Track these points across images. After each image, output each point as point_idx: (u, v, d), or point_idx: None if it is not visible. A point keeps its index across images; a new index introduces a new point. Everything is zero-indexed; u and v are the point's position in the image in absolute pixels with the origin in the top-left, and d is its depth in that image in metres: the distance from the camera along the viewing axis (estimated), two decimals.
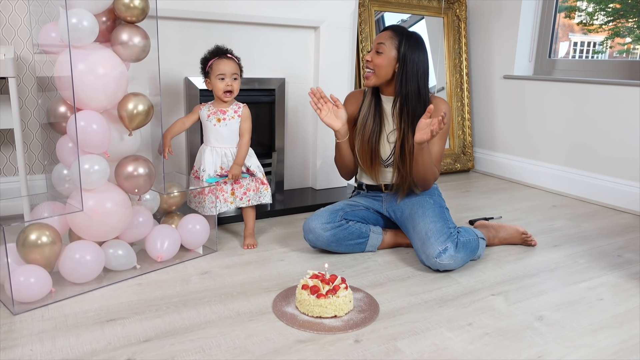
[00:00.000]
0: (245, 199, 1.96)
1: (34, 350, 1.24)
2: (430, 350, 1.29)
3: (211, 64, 1.89)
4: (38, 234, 1.47)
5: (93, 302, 1.49)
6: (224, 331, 1.35)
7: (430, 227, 1.77)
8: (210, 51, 1.92)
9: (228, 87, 1.87)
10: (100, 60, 1.54)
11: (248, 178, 1.96)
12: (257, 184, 1.98)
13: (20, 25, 2.09)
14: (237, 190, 1.95)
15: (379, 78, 1.82)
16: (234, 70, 1.89)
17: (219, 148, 1.92)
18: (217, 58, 1.88)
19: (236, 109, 1.93)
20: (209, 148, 1.93)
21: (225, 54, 1.91)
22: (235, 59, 1.91)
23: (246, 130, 1.93)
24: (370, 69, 1.82)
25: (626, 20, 2.96)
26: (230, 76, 1.87)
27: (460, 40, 3.38)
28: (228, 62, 1.88)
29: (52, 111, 1.66)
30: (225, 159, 1.92)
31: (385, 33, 1.82)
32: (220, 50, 1.92)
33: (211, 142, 1.92)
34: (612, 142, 2.70)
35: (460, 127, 3.42)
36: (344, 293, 1.45)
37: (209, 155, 1.92)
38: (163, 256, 1.74)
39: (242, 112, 1.93)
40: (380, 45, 1.79)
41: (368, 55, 1.84)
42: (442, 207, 1.87)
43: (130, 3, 1.56)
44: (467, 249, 1.77)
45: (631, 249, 2.06)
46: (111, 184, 1.64)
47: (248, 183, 1.96)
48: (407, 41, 1.78)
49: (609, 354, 1.30)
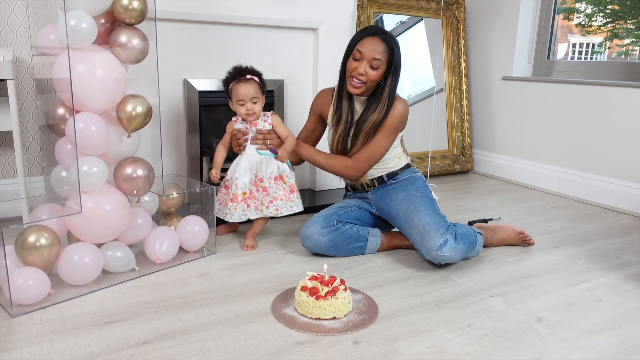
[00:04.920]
0: (272, 208, 1.91)
1: (32, 352, 1.24)
2: (430, 352, 1.29)
3: (231, 88, 1.88)
4: (37, 236, 1.47)
5: (92, 304, 1.49)
6: (222, 333, 1.35)
7: (426, 220, 1.78)
8: (230, 73, 1.90)
9: (248, 112, 1.87)
10: (99, 62, 1.53)
11: (290, 175, 1.93)
12: (286, 193, 1.93)
13: (18, 27, 2.09)
14: (264, 199, 1.90)
15: (368, 89, 1.83)
16: (253, 94, 1.86)
17: (254, 156, 1.90)
18: (236, 82, 1.86)
19: (265, 119, 1.92)
20: (245, 156, 1.91)
21: (244, 75, 1.87)
22: (254, 79, 1.88)
23: (284, 133, 1.91)
24: (362, 81, 1.79)
25: (625, 22, 2.97)
26: (249, 100, 1.86)
27: (459, 42, 3.38)
28: (246, 86, 1.85)
29: (51, 113, 1.66)
30: (260, 165, 1.90)
31: (377, 45, 1.77)
32: (238, 71, 1.89)
33: (247, 151, 1.91)
34: (611, 143, 2.70)
35: (459, 129, 3.42)
36: (343, 295, 1.44)
37: (245, 162, 1.90)
38: (162, 258, 1.74)
39: (272, 121, 1.92)
40: (376, 61, 1.76)
41: (358, 65, 1.78)
42: (431, 199, 1.89)
43: (128, 5, 1.56)
44: (465, 240, 1.77)
45: (630, 250, 2.06)
46: (110, 186, 1.64)
47: (275, 191, 1.91)
48: (397, 52, 1.79)
49: (608, 355, 1.30)
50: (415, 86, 3.29)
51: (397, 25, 3.22)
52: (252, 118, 1.89)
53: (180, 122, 2.33)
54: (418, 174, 1.99)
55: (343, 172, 1.90)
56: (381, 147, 1.86)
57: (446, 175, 3.37)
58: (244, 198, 1.90)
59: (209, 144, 2.44)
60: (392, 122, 1.84)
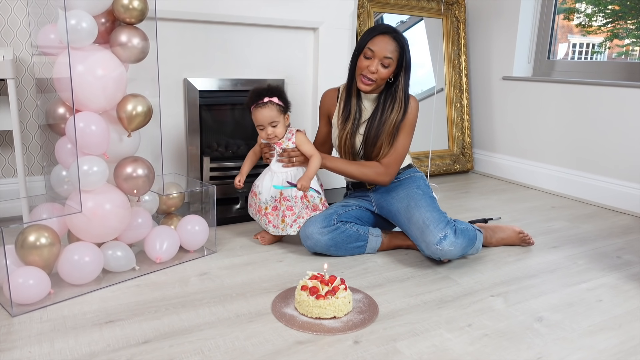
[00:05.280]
0: (295, 226, 1.89)
1: (33, 352, 1.24)
2: (430, 352, 1.29)
3: (251, 112, 1.86)
4: (37, 236, 1.47)
5: (92, 303, 1.49)
6: (223, 332, 1.35)
7: (427, 215, 1.78)
8: (249, 95, 1.87)
9: (269, 136, 1.85)
10: (100, 62, 1.53)
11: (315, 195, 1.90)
12: (309, 211, 1.89)
13: (19, 27, 2.09)
14: (288, 218, 1.87)
15: (378, 87, 1.86)
16: (272, 119, 1.82)
17: (279, 173, 1.89)
18: (254, 106, 1.84)
19: (290, 137, 1.88)
20: (269, 173, 1.91)
21: (262, 99, 1.83)
22: (272, 102, 1.82)
23: (309, 151, 1.87)
24: (373, 79, 1.81)
25: (625, 22, 2.97)
26: (269, 125, 1.83)
27: (459, 42, 3.38)
28: (262, 111, 1.82)
29: (51, 112, 1.66)
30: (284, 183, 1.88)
31: (388, 44, 1.79)
32: (256, 95, 1.84)
33: (272, 167, 1.91)
34: (611, 143, 2.70)
35: (459, 128, 3.42)
36: (343, 294, 1.44)
37: (268, 180, 1.90)
38: (162, 257, 1.74)
39: (296, 140, 1.88)
40: (387, 60, 1.79)
41: (370, 63, 1.79)
42: (432, 197, 1.90)
43: (129, 4, 1.56)
44: (465, 236, 1.77)
45: (630, 250, 2.06)
46: (110, 185, 1.64)
47: (300, 210, 1.88)
48: (407, 50, 1.82)
49: (608, 355, 1.30)
50: (416, 86, 3.29)
51: (398, 25, 3.22)
52: (274, 141, 1.87)
53: (180, 121, 2.33)
54: (419, 173, 2.00)
55: (376, 179, 1.90)
56: (405, 146, 1.90)
57: (446, 175, 3.37)
58: (265, 213, 1.91)
59: (209, 144, 2.45)
60: (411, 119, 1.88)
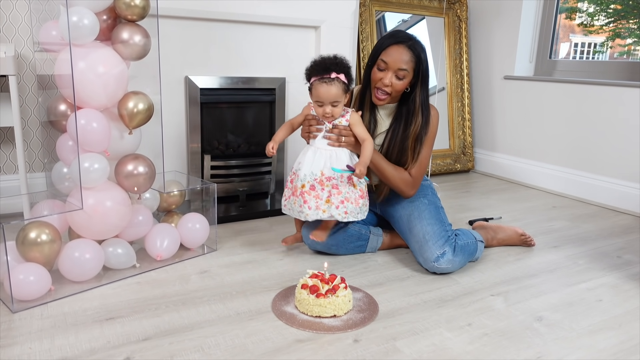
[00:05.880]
0: (342, 209, 1.68)
1: (33, 348, 1.24)
2: (429, 351, 1.29)
3: (312, 84, 1.67)
4: (38, 232, 1.47)
5: (92, 300, 1.49)
6: (223, 330, 1.35)
7: (427, 229, 1.77)
8: (313, 66, 1.67)
9: (326, 115, 1.67)
10: (101, 59, 1.53)
11: (362, 180, 1.71)
12: (356, 197, 1.72)
13: (20, 23, 2.09)
14: (334, 197, 1.68)
15: (393, 99, 1.78)
16: (335, 97, 1.64)
17: (324, 150, 1.71)
18: (318, 79, 1.64)
19: (343, 114, 1.71)
20: (312, 149, 1.72)
21: (329, 74, 1.63)
22: (339, 79, 1.64)
23: (361, 134, 1.70)
24: (387, 93, 1.73)
25: (627, 22, 2.96)
26: (329, 103, 1.65)
27: (461, 41, 3.38)
28: (328, 88, 1.62)
29: (53, 109, 1.66)
30: (329, 161, 1.69)
31: (403, 54, 1.69)
32: (322, 67, 1.65)
33: (316, 143, 1.72)
34: (612, 143, 2.69)
35: (460, 128, 3.42)
36: (344, 293, 1.45)
37: (310, 156, 1.71)
38: (162, 255, 1.74)
39: (350, 118, 1.70)
40: (402, 72, 1.69)
41: (384, 76, 1.71)
42: (438, 207, 1.87)
43: (131, 2, 1.56)
44: (464, 252, 1.76)
45: (631, 250, 2.06)
46: (111, 183, 1.64)
47: (347, 192, 1.70)
48: (424, 59, 1.71)
49: (608, 355, 1.30)
50: None
51: (399, 24, 3.22)
52: (330, 120, 1.70)
53: (181, 119, 2.33)
54: (427, 181, 1.97)
55: (403, 188, 1.80)
56: (428, 157, 1.82)
57: (447, 174, 3.37)
58: (302, 191, 1.69)
59: (210, 141, 2.44)
60: (433, 131, 1.80)
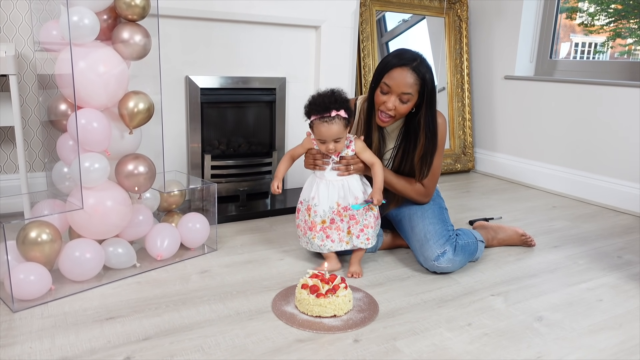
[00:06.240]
0: (364, 237, 1.70)
1: (33, 347, 1.24)
2: (430, 350, 1.29)
3: (312, 123, 1.63)
4: (38, 232, 1.47)
5: (92, 300, 1.49)
6: (223, 330, 1.35)
7: (429, 229, 1.77)
8: (312, 104, 1.62)
9: (329, 151, 1.64)
10: (101, 59, 1.54)
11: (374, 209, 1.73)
12: (373, 220, 1.72)
13: (21, 23, 2.09)
14: (353, 228, 1.70)
15: (397, 120, 1.75)
16: (337, 135, 1.60)
17: (336, 181, 1.69)
18: (318, 118, 1.59)
19: (348, 145, 1.68)
20: (324, 183, 1.69)
21: (329, 112, 1.58)
22: (340, 115, 1.59)
23: (369, 159, 1.69)
24: (391, 115, 1.68)
25: (627, 21, 2.96)
26: (332, 140, 1.62)
27: (461, 41, 3.38)
28: (328, 127, 1.58)
29: (53, 109, 1.66)
30: (342, 191, 1.68)
31: (406, 77, 1.62)
32: (322, 107, 1.59)
33: (326, 176, 1.70)
34: (613, 143, 2.69)
35: (460, 128, 3.42)
36: (344, 293, 1.45)
37: (324, 190, 1.68)
38: (163, 255, 1.74)
39: (356, 147, 1.68)
40: (406, 95, 1.64)
41: (387, 99, 1.66)
42: (442, 207, 1.87)
43: (131, 1, 1.56)
44: (465, 252, 1.76)
45: (631, 250, 2.06)
46: (111, 182, 1.64)
47: (365, 219, 1.70)
48: (429, 80, 1.65)
49: (608, 355, 1.30)
50: None
51: (400, 24, 3.22)
52: (333, 154, 1.67)
53: (181, 119, 2.33)
54: None
55: (417, 198, 1.81)
56: (440, 165, 1.81)
57: (447, 174, 3.37)
58: (323, 227, 1.69)
59: (211, 141, 2.45)
60: (441, 141, 1.77)
